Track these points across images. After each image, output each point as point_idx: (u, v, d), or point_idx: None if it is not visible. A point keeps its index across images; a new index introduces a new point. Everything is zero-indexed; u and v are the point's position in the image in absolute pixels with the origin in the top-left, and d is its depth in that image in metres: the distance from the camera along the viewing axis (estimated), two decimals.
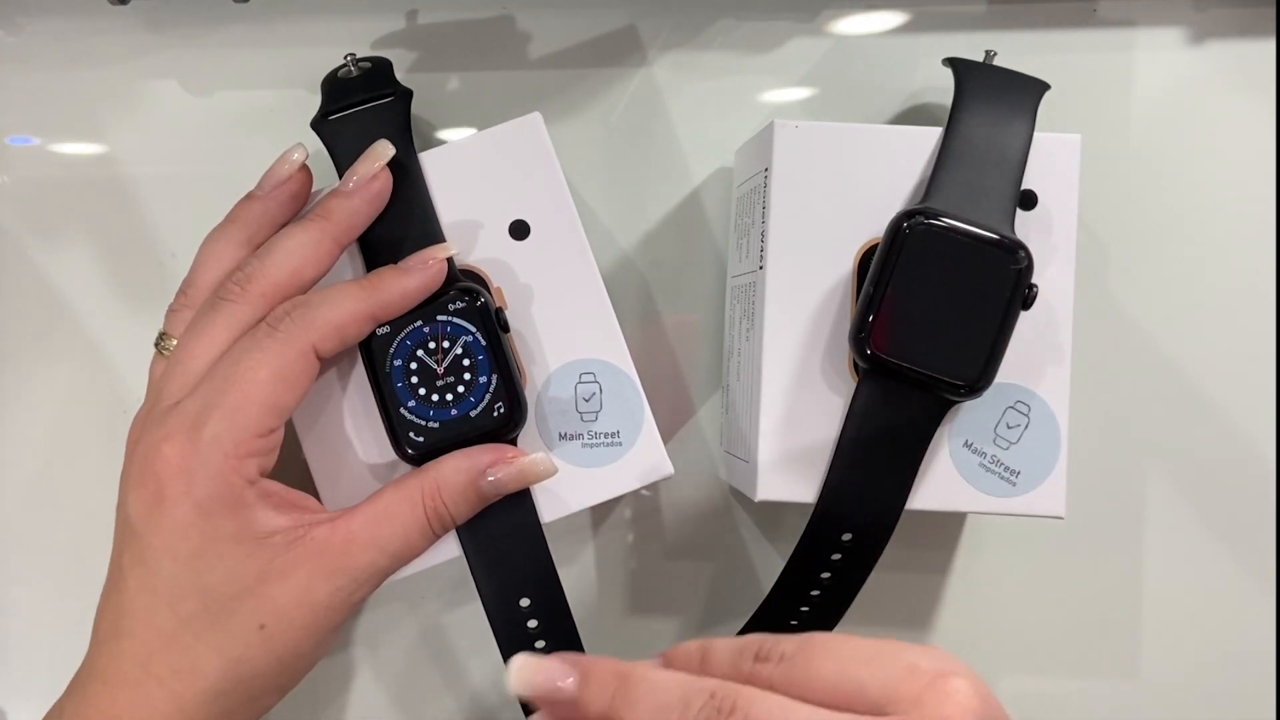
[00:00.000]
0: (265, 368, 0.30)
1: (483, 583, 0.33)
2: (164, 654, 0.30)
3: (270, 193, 0.34)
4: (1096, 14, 0.42)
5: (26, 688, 0.43)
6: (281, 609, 0.30)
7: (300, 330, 0.31)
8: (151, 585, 0.30)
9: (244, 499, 0.30)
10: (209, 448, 0.30)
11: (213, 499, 0.30)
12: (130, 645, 0.30)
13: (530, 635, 0.34)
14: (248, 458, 0.30)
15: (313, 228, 0.33)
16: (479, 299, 0.33)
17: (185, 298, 0.33)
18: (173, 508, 0.30)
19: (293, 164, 0.34)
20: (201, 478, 0.30)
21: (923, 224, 0.33)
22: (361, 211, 0.33)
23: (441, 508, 0.32)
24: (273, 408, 0.30)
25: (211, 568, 0.30)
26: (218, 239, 0.34)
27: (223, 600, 0.30)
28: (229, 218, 0.34)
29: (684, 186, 0.42)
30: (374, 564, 0.31)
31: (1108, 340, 0.42)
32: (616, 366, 0.35)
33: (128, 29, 0.42)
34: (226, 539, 0.30)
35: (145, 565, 0.30)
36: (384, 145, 0.33)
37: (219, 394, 0.30)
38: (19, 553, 0.43)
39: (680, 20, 0.42)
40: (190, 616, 0.30)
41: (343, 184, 0.33)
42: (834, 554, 0.34)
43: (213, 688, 0.30)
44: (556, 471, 0.33)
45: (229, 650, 0.30)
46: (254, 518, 0.30)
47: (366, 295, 0.32)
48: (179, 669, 0.30)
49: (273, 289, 0.32)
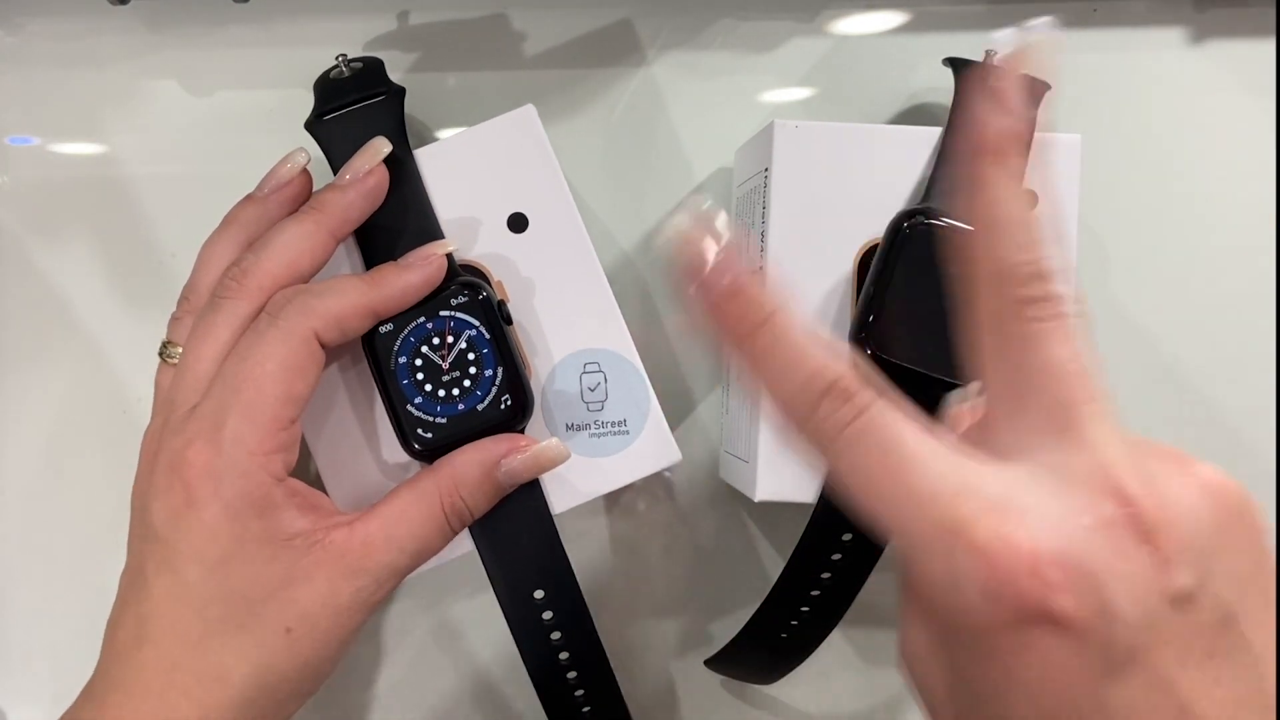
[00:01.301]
0: (272, 359, 0.30)
1: (496, 576, 0.33)
2: (189, 662, 0.29)
3: (270, 195, 0.34)
4: (1096, 14, 0.42)
5: (26, 688, 0.43)
6: (306, 612, 0.30)
7: (301, 317, 0.31)
8: (178, 592, 0.29)
9: (272, 498, 0.30)
10: (233, 448, 0.29)
11: (241, 499, 0.29)
12: (153, 654, 0.29)
13: (546, 627, 0.33)
14: (273, 453, 0.30)
15: (306, 220, 0.32)
16: (481, 292, 0.33)
17: (187, 304, 0.33)
18: (201, 511, 0.29)
19: (294, 167, 0.34)
20: (229, 478, 0.29)
21: (923, 224, 0.33)
22: (356, 205, 0.33)
23: (459, 503, 0.32)
24: (287, 398, 0.30)
25: (238, 572, 0.30)
26: (217, 242, 0.34)
27: (249, 604, 0.29)
28: (227, 220, 0.34)
29: (684, 187, 0.42)
30: (393, 564, 0.31)
31: (1108, 340, 0.42)
32: (620, 355, 0.35)
33: (128, 29, 0.42)
34: (254, 541, 0.30)
35: (173, 571, 0.30)
36: (380, 141, 0.34)
37: (232, 393, 0.30)
38: (19, 554, 0.43)
39: (680, 20, 0.42)
40: (217, 622, 0.29)
41: (338, 178, 0.33)
42: (834, 554, 0.34)
43: (239, 695, 0.29)
44: (569, 456, 0.33)
45: (256, 656, 0.29)
46: (280, 518, 0.30)
47: (368, 289, 0.32)
48: (205, 677, 0.29)
49: (270, 281, 0.32)
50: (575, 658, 0.34)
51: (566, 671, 0.34)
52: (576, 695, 0.34)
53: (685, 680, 0.43)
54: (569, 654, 0.34)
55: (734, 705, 0.43)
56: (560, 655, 0.34)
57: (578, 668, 0.34)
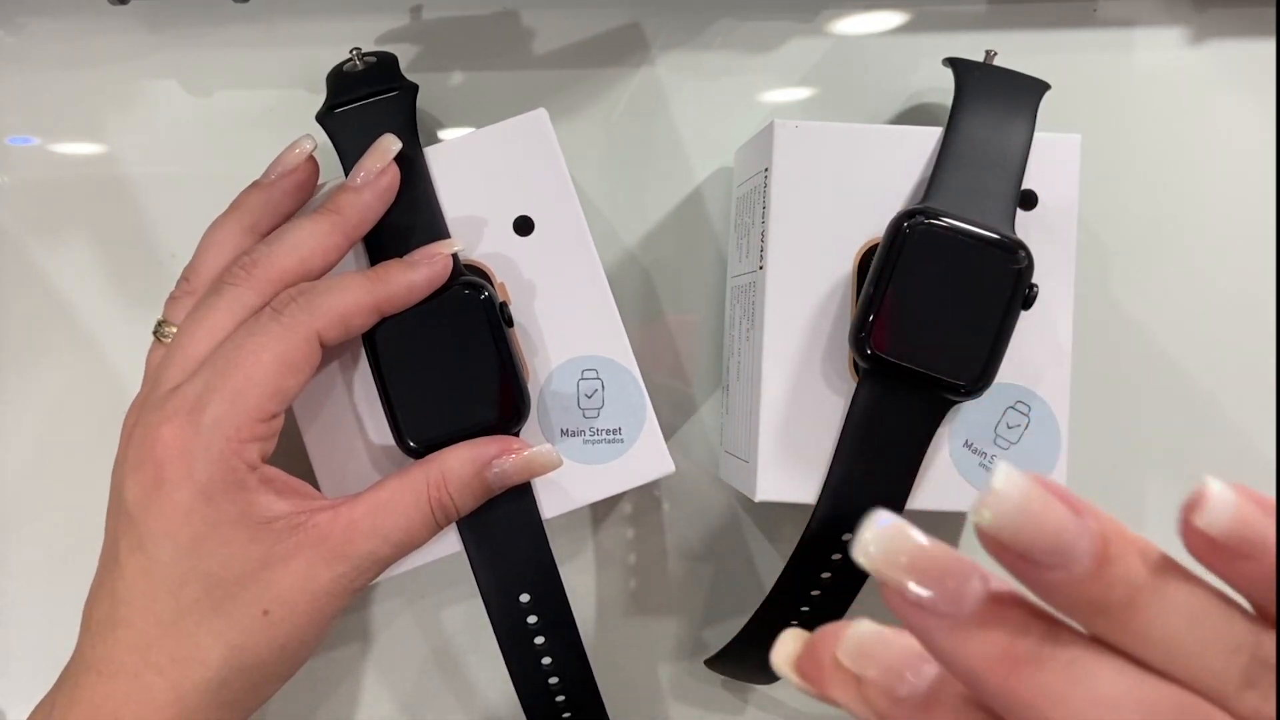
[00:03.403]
0: (269, 351, 0.30)
1: (483, 577, 0.33)
2: (164, 642, 0.29)
3: (276, 181, 0.34)
4: (1096, 14, 0.42)
5: (27, 688, 0.43)
6: (284, 595, 0.30)
7: (305, 315, 0.31)
8: (151, 571, 0.29)
9: (246, 483, 0.30)
10: (211, 430, 0.29)
11: (214, 482, 0.29)
12: (127, 634, 0.29)
13: (530, 631, 0.34)
14: (250, 442, 0.30)
15: (323, 220, 0.32)
16: (482, 292, 0.33)
17: (187, 284, 0.33)
18: (173, 491, 0.29)
19: (301, 153, 0.34)
20: (203, 461, 0.29)
21: (923, 224, 0.33)
22: (371, 206, 0.33)
23: (446, 499, 0.32)
24: (275, 392, 0.30)
25: (214, 552, 0.29)
26: (221, 226, 0.33)
27: (225, 585, 0.29)
28: (233, 205, 0.34)
29: (684, 186, 0.42)
30: (376, 552, 0.31)
31: (1108, 340, 0.42)
32: (619, 363, 0.35)
33: (128, 29, 0.42)
34: (229, 523, 0.29)
35: (144, 551, 0.29)
36: (391, 140, 0.33)
37: (221, 377, 0.30)
38: (19, 551, 0.43)
39: (681, 20, 0.42)
40: (192, 603, 0.29)
41: (351, 179, 0.33)
42: (834, 554, 0.34)
43: (215, 676, 0.29)
44: (561, 464, 0.33)
45: (231, 637, 0.29)
46: (256, 502, 0.30)
47: (373, 286, 0.32)
48: (179, 657, 0.29)
49: (278, 274, 0.31)
50: (558, 663, 0.34)
51: (549, 677, 0.34)
52: (558, 701, 0.34)
53: (685, 680, 0.43)
54: (551, 659, 0.34)
55: (734, 705, 0.43)
56: (544, 660, 0.34)
57: (560, 674, 0.34)
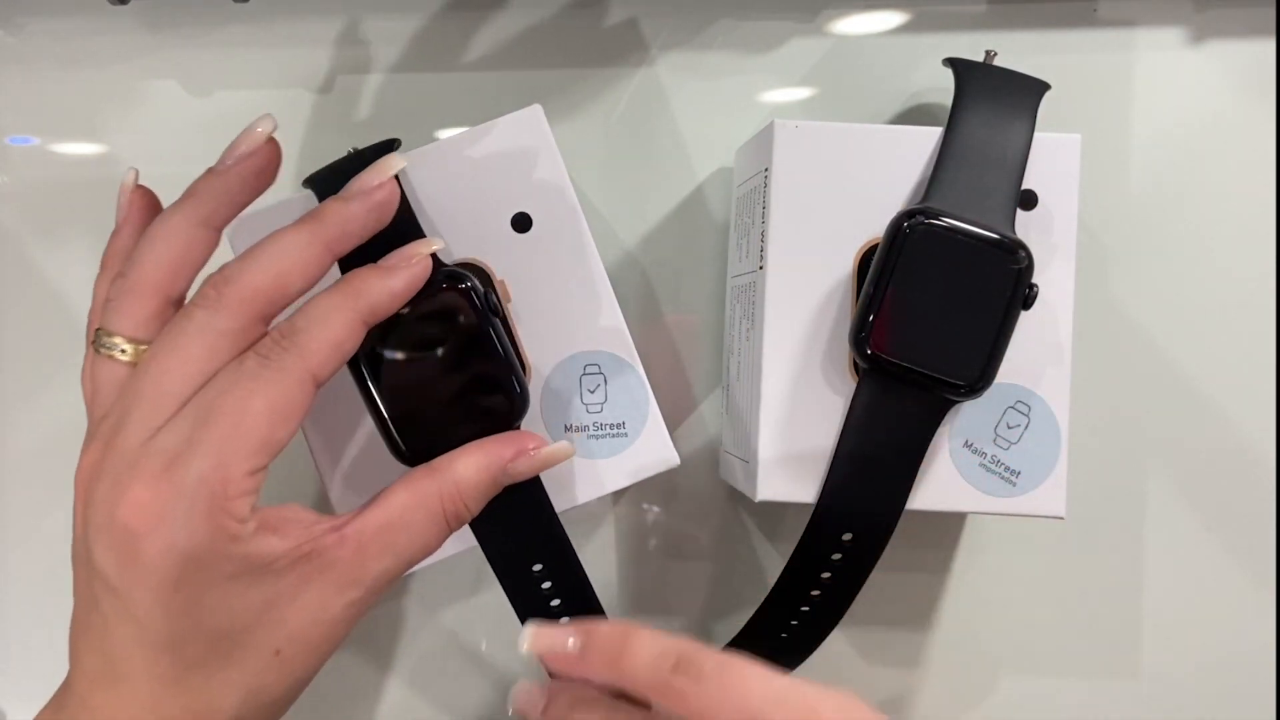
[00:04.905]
0: (259, 397, 0.27)
1: (493, 553, 0.32)
2: (174, 697, 0.27)
3: (233, 167, 0.29)
4: (1096, 14, 0.42)
5: (26, 688, 0.43)
6: (295, 631, 0.28)
7: (295, 358, 0.27)
8: (144, 638, 0.27)
9: (238, 536, 0.27)
10: (194, 491, 0.26)
11: (201, 546, 0.26)
12: (130, 690, 0.27)
13: (545, 596, 0.33)
14: (239, 498, 0.27)
15: (302, 229, 0.29)
16: (462, 282, 0.31)
17: (124, 281, 0.29)
18: (156, 561, 0.26)
19: (258, 135, 0.30)
20: (185, 527, 0.26)
21: (923, 224, 0.33)
22: (358, 217, 0.29)
23: (462, 509, 0.30)
24: (265, 443, 0.27)
25: (213, 609, 0.27)
26: (170, 217, 0.29)
27: (232, 636, 0.27)
28: (185, 193, 0.30)
29: (684, 186, 0.42)
30: (388, 571, 0.29)
31: (1108, 340, 0.42)
32: (621, 358, 0.35)
33: (128, 29, 0.42)
34: (225, 579, 0.27)
35: (135, 621, 0.27)
36: (395, 158, 0.30)
37: (203, 427, 0.26)
38: (19, 553, 0.43)
39: (681, 20, 0.42)
40: (199, 661, 0.27)
41: (343, 190, 0.30)
42: (834, 554, 0.34)
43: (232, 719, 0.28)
44: (575, 452, 0.32)
45: (246, 683, 0.28)
46: (252, 551, 0.27)
47: (353, 303, 0.28)
48: (194, 710, 0.27)
49: (252, 295, 0.28)
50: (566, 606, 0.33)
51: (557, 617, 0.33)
52: None
53: None
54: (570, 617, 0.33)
55: None
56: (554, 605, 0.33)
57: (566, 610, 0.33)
